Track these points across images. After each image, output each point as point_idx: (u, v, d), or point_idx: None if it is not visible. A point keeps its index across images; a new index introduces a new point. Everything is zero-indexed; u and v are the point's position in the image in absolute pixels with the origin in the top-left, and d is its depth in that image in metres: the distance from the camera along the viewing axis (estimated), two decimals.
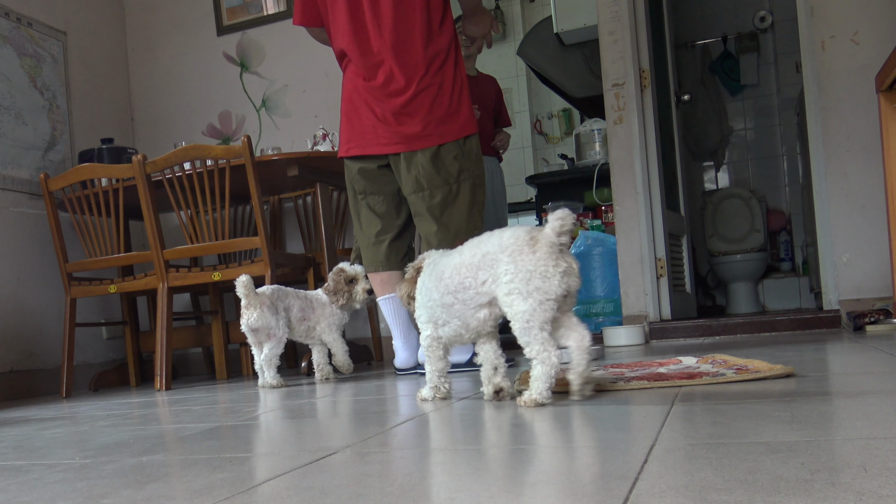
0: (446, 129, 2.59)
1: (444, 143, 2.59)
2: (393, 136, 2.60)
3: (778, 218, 5.37)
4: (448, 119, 2.59)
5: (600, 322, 3.87)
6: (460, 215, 2.60)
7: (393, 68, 2.56)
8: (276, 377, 2.70)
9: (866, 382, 1.57)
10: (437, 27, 2.59)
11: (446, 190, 2.59)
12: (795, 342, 2.72)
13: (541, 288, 1.49)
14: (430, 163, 2.57)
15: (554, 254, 1.50)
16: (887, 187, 2.92)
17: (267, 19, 4.28)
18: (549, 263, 1.49)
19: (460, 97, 2.62)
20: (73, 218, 3.41)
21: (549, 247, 1.50)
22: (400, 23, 2.56)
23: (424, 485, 0.94)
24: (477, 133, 2.68)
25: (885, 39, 3.20)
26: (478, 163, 2.65)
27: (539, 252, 1.50)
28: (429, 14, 2.57)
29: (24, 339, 3.60)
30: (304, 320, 2.80)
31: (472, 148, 2.64)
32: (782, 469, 0.83)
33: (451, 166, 2.59)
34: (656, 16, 4.02)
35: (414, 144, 2.58)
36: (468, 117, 2.64)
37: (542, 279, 1.49)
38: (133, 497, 1.00)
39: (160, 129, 4.47)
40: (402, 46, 2.56)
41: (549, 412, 1.48)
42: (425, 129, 2.57)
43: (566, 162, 5.39)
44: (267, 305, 2.67)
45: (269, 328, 2.69)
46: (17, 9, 3.79)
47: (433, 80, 2.58)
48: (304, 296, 2.83)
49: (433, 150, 2.58)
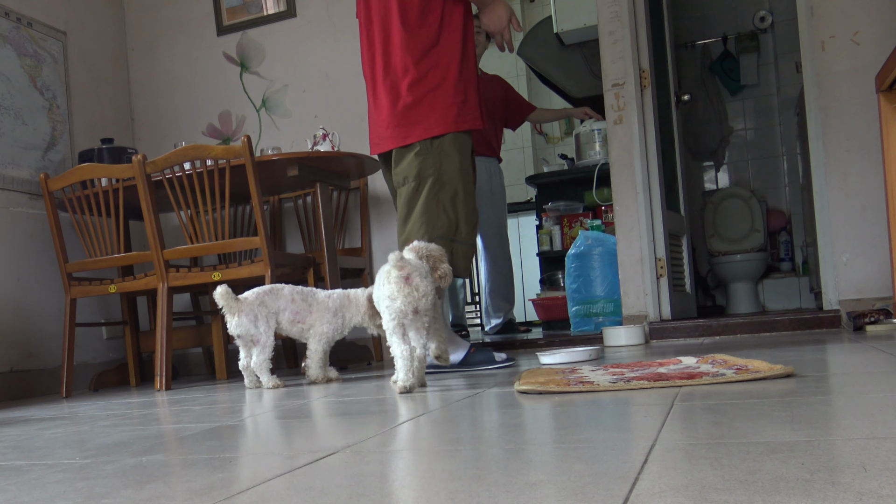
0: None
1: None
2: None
3: (778, 218, 5.37)
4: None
5: (600, 322, 3.87)
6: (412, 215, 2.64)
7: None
8: (271, 380, 2.68)
9: (866, 382, 1.57)
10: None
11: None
12: (795, 342, 2.72)
13: (390, 307, 2.08)
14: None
15: (400, 282, 2.06)
16: (887, 187, 2.92)
17: (267, 19, 4.28)
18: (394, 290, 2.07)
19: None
20: (73, 218, 3.41)
21: (397, 279, 2.07)
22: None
23: (424, 485, 0.94)
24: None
25: (885, 39, 3.20)
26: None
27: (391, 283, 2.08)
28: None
29: (24, 339, 3.60)
30: (297, 322, 2.75)
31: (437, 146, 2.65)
32: (782, 469, 0.83)
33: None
34: (656, 16, 4.02)
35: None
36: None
37: (390, 300, 2.07)
38: (133, 497, 1.00)
39: (160, 129, 4.47)
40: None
41: (549, 412, 1.48)
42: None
43: (566, 162, 5.39)
44: (245, 312, 2.64)
45: (249, 335, 2.68)
46: (17, 9, 3.79)
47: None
48: (302, 297, 2.77)
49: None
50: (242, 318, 2.64)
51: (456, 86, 2.63)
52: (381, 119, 2.70)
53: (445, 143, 2.61)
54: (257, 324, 2.66)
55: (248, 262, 3.19)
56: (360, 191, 4.01)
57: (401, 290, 2.05)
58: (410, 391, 2.04)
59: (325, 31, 4.17)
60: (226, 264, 3.33)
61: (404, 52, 2.61)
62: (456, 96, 2.63)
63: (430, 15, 2.62)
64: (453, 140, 2.62)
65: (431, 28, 2.61)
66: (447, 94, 2.62)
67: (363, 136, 4.03)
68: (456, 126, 2.62)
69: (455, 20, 2.65)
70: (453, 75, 2.63)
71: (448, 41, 2.63)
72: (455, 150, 2.61)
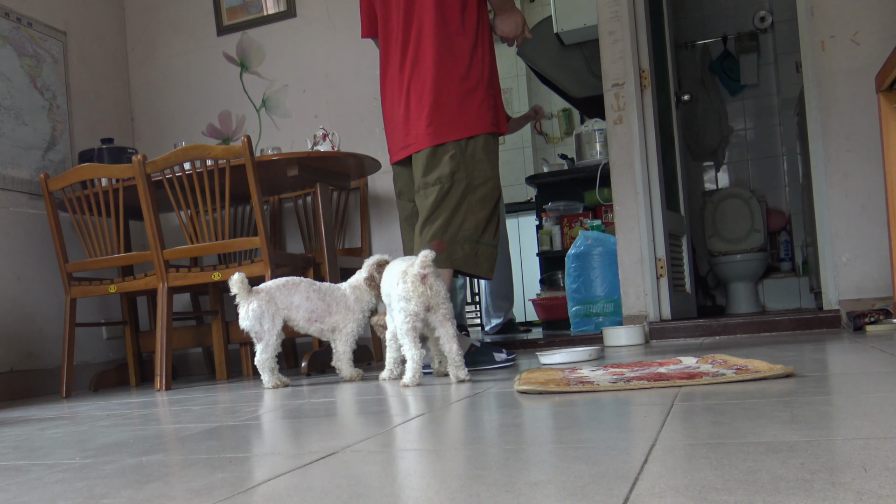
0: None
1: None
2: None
3: (778, 218, 5.37)
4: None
5: (600, 322, 3.87)
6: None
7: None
8: (271, 380, 2.64)
9: (866, 382, 1.57)
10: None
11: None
12: (795, 342, 2.72)
13: (405, 308, 2.16)
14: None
15: (416, 283, 2.12)
16: (887, 187, 2.92)
17: (267, 19, 4.28)
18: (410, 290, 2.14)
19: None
20: (73, 218, 3.41)
21: (413, 278, 2.13)
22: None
23: (424, 484, 0.94)
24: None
25: (885, 39, 3.20)
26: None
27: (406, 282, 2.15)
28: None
29: (24, 339, 3.60)
30: (314, 322, 2.67)
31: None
32: (782, 469, 0.83)
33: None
34: (656, 16, 4.02)
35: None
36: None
37: (406, 301, 2.15)
38: (133, 497, 1.00)
39: (160, 129, 4.47)
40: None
41: (549, 412, 1.48)
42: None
43: (566, 162, 5.39)
44: (254, 306, 2.59)
45: (254, 331, 2.62)
46: (17, 9, 3.79)
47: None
48: (319, 296, 2.67)
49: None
50: (249, 311, 2.58)
51: (490, 88, 2.68)
52: (409, 122, 2.68)
53: (479, 145, 2.63)
54: (262, 321, 2.60)
55: (248, 262, 3.19)
56: (360, 191, 4.01)
57: (415, 290, 2.09)
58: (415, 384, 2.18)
59: (325, 31, 4.17)
60: (226, 264, 3.33)
61: (444, 55, 2.61)
62: (491, 98, 2.67)
63: (468, 18, 2.64)
64: (485, 142, 2.65)
65: (469, 30, 2.63)
66: (484, 96, 2.65)
67: (363, 136, 4.03)
68: (491, 128, 2.66)
69: (485, 23, 2.68)
70: (488, 77, 2.67)
71: (483, 44, 2.67)
72: (487, 153, 2.64)
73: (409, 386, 2.15)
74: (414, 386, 2.14)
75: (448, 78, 2.61)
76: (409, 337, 2.14)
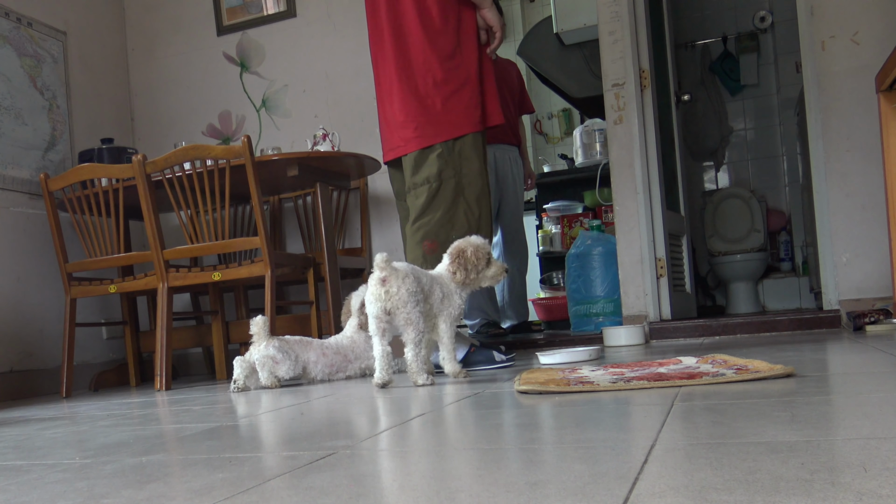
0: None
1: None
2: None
3: (778, 218, 5.37)
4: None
5: (600, 322, 3.87)
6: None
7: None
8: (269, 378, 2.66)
9: (866, 382, 1.57)
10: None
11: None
12: (795, 342, 2.72)
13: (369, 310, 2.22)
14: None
15: (376, 285, 2.18)
16: (887, 187, 2.92)
17: (267, 19, 4.28)
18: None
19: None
20: (73, 218, 3.41)
21: (373, 281, 2.19)
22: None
23: (424, 485, 0.94)
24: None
25: (885, 39, 3.20)
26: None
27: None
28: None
29: (24, 339, 3.60)
30: (337, 371, 2.77)
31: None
32: (782, 469, 0.83)
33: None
34: (656, 16, 4.02)
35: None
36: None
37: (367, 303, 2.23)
38: (133, 497, 1.00)
39: (160, 129, 4.47)
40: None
41: (549, 412, 1.48)
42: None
43: (566, 162, 5.39)
44: (269, 353, 2.65)
45: (275, 360, 2.67)
46: (17, 9, 3.79)
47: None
48: (334, 351, 2.78)
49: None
50: (270, 346, 2.65)
51: (478, 86, 2.67)
52: (397, 123, 2.69)
53: (467, 143, 2.64)
54: (283, 353, 2.67)
55: (248, 262, 3.19)
56: (360, 191, 4.01)
57: (374, 293, 2.18)
58: (385, 386, 2.21)
59: (325, 31, 4.17)
60: (226, 264, 3.33)
61: (427, 55, 2.61)
62: (478, 96, 2.67)
63: (450, 16, 2.63)
64: (473, 141, 2.65)
65: (451, 29, 2.62)
66: (471, 95, 2.65)
67: (363, 136, 4.03)
68: (478, 126, 2.66)
69: (469, 19, 2.67)
70: (475, 75, 2.66)
71: (468, 41, 2.66)
72: (475, 151, 2.65)
73: (379, 385, 2.20)
74: (382, 382, 2.19)
75: (433, 80, 2.61)
76: (375, 337, 2.22)
